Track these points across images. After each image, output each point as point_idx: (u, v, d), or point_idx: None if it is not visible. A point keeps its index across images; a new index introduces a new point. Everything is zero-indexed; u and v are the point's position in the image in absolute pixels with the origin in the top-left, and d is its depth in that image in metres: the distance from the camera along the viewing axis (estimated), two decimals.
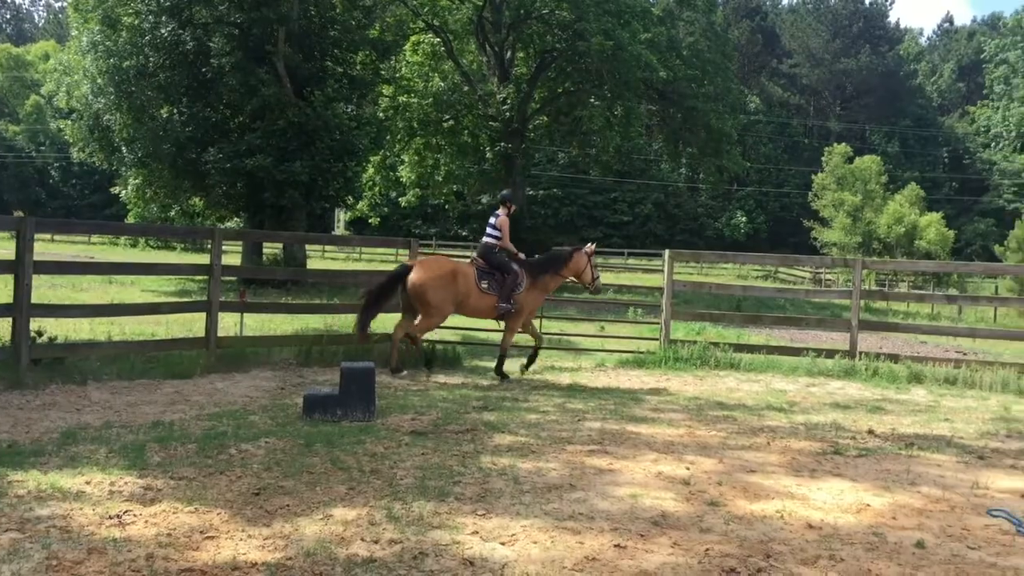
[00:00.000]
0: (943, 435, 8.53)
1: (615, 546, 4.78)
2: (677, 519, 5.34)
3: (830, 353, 13.46)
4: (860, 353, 13.21)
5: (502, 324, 11.73)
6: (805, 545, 4.96)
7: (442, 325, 11.71)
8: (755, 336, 18.60)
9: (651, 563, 4.55)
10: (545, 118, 40.58)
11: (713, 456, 7.09)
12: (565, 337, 15.67)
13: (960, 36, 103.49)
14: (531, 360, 11.85)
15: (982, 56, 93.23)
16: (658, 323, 14.13)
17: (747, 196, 79.24)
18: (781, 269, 54.62)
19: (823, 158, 63.51)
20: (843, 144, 64.69)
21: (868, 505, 5.85)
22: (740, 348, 13.79)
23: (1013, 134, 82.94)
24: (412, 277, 10.82)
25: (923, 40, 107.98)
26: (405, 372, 11.11)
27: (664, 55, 36.02)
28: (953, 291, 41.45)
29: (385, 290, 10.89)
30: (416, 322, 11.04)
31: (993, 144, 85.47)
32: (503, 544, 4.75)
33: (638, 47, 33.23)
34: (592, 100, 37.19)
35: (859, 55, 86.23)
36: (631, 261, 57.44)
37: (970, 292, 42.30)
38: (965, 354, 16.67)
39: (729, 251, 58.94)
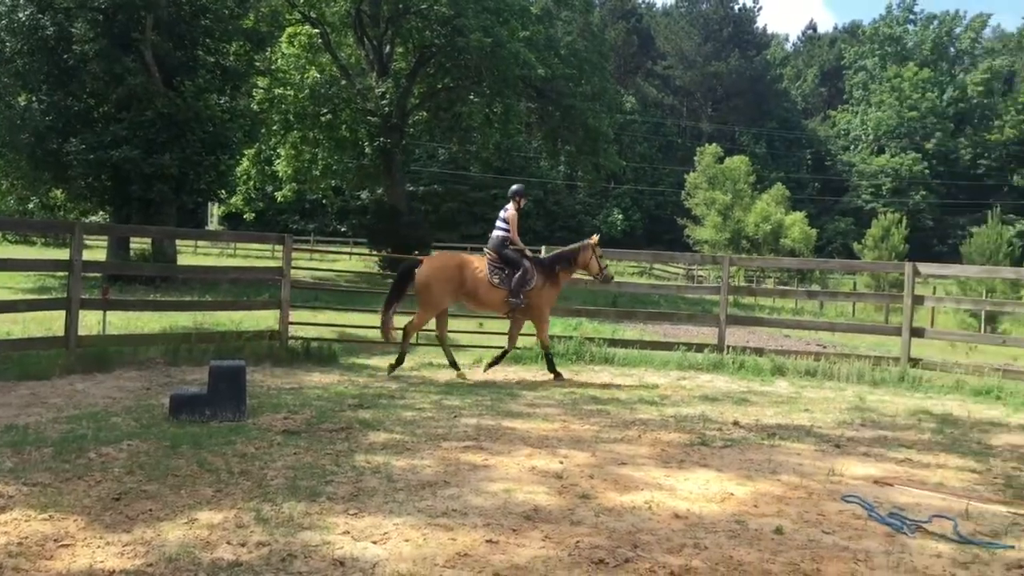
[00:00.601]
0: (803, 425, 8.92)
1: (487, 541, 4.81)
2: (549, 513, 5.41)
3: (700, 347, 13.90)
4: (728, 347, 13.68)
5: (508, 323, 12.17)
6: (671, 534, 5.10)
7: (332, 323, 11.54)
8: (629, 331, 19.00)
9: (522, 557, 4.60)
10: (425, 114, 40.44)
11: (586, 450, 7.22)
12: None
13: (823, 43, 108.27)
14: (498, 359, 11.89)
15: (843, 62, 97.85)
16: None
17: (624, 194, 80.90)
18: (656, 265, 56.04)
19: (695, 158, 65.47)
20: (714, 144, 66.81)
21: (732, 494, 6.06)
22: (615, 343, 14.08)
23: (871, 137, 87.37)
24: (419, 272, 11.25)
25: (788, 46, 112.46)
26: (461, 366, 11.60)
27: (542, 54, 36.38)
28: (816, 287, 43.33)
29: (398, 287, 11.46)
30: (415, 316, 11.55)
31: (852, 147, 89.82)
32: (375, 543, 4.71)
33: (517, 45, 33.47)
34: (471, 97, 37.29)
35: (729, 59, 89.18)
36: None
37: (831, 288, 44.37)
38: (825, 347, 17.46)
39: (606, 248, 60.18)
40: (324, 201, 53.81)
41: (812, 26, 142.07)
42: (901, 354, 13.01)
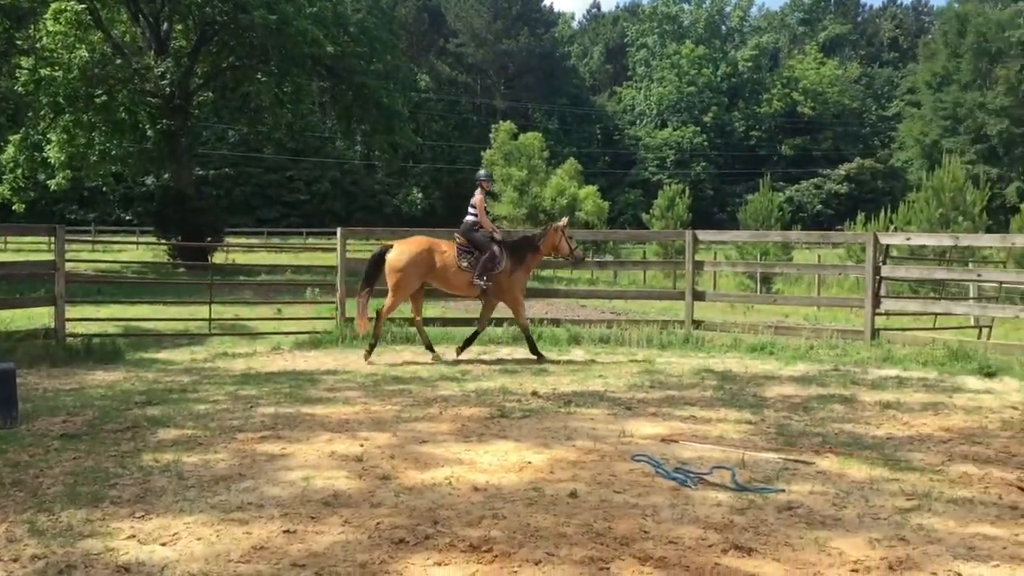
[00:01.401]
0: (597, 391, 9.28)
1: (285, 532, 4.71)
2: (349, 497, 5.36)
3: (500, 321, 14.15)
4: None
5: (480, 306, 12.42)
6: (471, 507, 5.18)
7: (116, 317, 10.86)
8: (431, 309, 19.04)
9: (321, 544, 4.54)
10: (210, 94, 38.64)
11: (387, 430, 7.20)
12: (240, 322, 15.15)
13: (606, 21, 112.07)
14: (469, 341, 11.99)
15: (626, 40, 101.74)
16: (335, 302, 14.05)
17: (423, 173, 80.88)
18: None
19: (491, 135, 66.23)
20: (508, 121, 67.77)
21: (530, 463, 6.22)
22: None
23: (654, 112, 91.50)
24: (390, 257, 11.51)
25: (575, 24, 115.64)
26: (435, 352, 11.67)
27: (331, 31, 35.58)
28: (609, 257, 45.02)
29: (370, 273, 11.65)
30: (387, 300, 11.65)
31: (638, 121, 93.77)
32: (163, 545, 4.51)
33: (304, 22, 32.55)
34: (259, 76, 35.94)
35: (519, 36, 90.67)
36: (311, 240, 56.70)
37: (623, 257, 46.22)
38: (618, 315, 18.19)
39: (406, 227, 60.00)
40: (104, 189, 50.58)
41: (596, 4, 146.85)
42: (685, 317, 13.76)
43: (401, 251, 11.58)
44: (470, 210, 12.02)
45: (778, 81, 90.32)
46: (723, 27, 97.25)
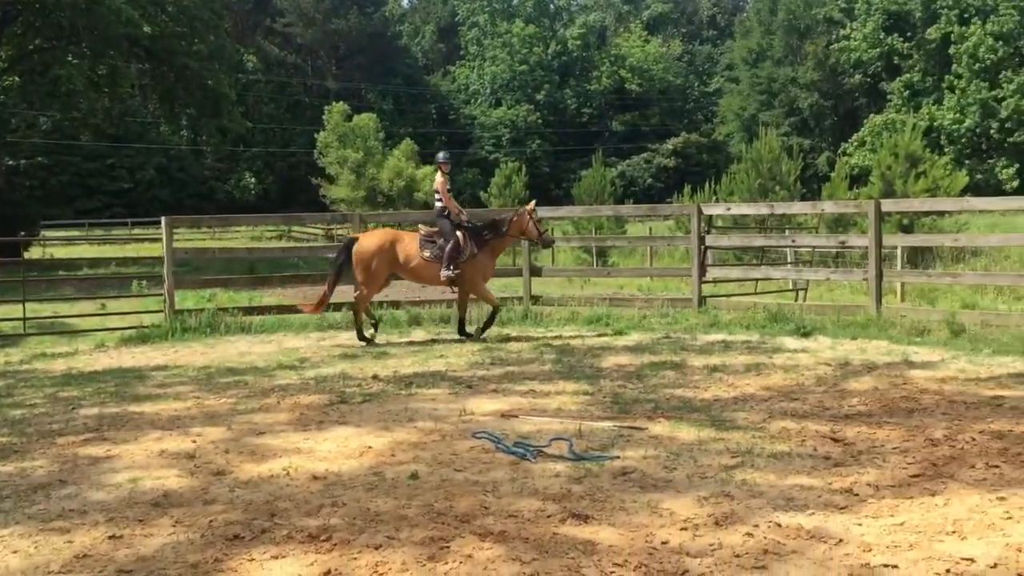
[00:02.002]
0: (439, 371, 9.30)
1: (110, 537, 4.49)
2: (180, 496, 5.17)
3: (339, 306, 13.93)
4: None
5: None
6: (309, 497, 5.09)
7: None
8: (267, 297, 18.57)
9: (150, 547, 4.35)
10: (16, 78, 36.18)
11: (221, 424, 6.97)
12: (60, 320, 14.31)
13: (437, 0, 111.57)
14: (489, 323, 11.83)
15: (457, 19, 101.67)
16: (163, 294, 13.48)
17: (255, 157, 78.50)
18: (295, 228, 55.19)
19: (324, 117, 64.93)
20: (342, 103, 66.65)
21: (370, 447, 6.17)
22: (251, 311, 13.71)
23: (488, 91, 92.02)
24: (356, 248, 11.54)
25: (405, 3, 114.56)
26: (367, 339, 11.55)
27: (148, 10, 33.91)
28: None
29: (339, 264, 11.75)
30: (356, 292, 11.67)
31: (473, 100, 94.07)
32: None
33: (117, 1, 30.87)
34: (70, 58, 33.93)
35: (348, 15, 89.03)
36: (137, 231, 54.10)
37: None
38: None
39: (240, 213, 58.07)
40: None
41: None
42: (523, 293, 13.96)
43: (366, 243, 11.60)
44: (436, 195, 11.92)
45: (606, 59, 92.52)
46: (551, 5, 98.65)
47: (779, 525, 4.52)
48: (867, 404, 7.26)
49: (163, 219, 13.42)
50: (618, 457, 5.83)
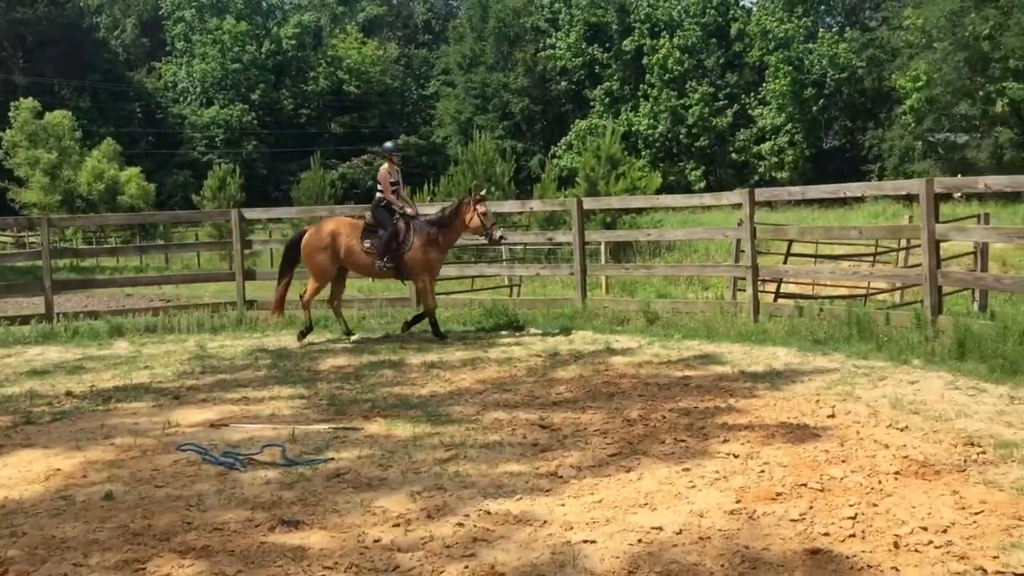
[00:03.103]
0: (143, 383, 8.70)
1: None
2: None
3: (27, 319, 12.72)
4: (58, 315, 12.75)
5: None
6: None
7: None
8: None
9: None
10: None
11: None
12: None
13: None
14: (414, 321, 11.39)
15: (161, 13, 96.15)
16: None
17: None
18: None
19: (11, 114, 59.02)
20: (31, 99, 60.87)
21: (59, 469, 5.65)
22: None
23: (199, 89, 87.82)
24: (303, 243, 11.09)
25: None
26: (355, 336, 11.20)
27: None
28: (160, 241, 42.60)
29: (287, 260, 11.39)
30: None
31: (182, 99, 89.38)
32: None
33: None
34: None
35: (36, 4, 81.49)
36: None
37: (177, 240, 44.00)
38: (170, 300, 17.25)
39: None
40: None
41: None
42: (237, 298, 13.42)
43: (310, 236, 11.14)
44: (378, 186, 11.33)
45: (323, 60, 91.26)
46: (264, 3, 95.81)
47: (488, 512, 4.63)
48: (573, 391, 7.65)
49: None
50: (332, 459, 5.74)
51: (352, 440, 6.21)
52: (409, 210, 11.20)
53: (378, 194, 11.27)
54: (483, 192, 11.50)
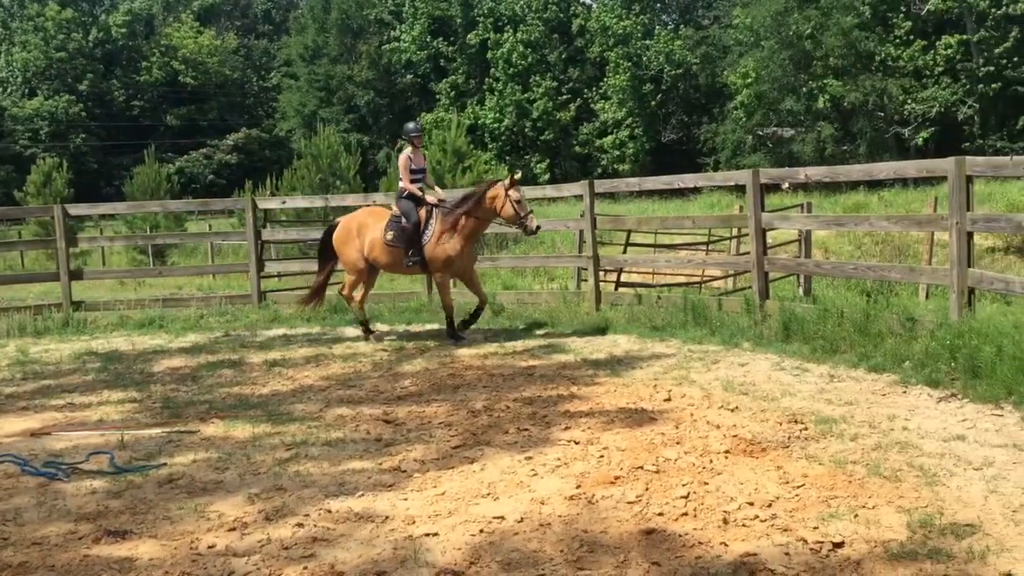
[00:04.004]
0: None
1: None
2: None
3: None
4: None
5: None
6: None
7: None
8: None
9: None
10: None
11: None
12: None
13: None
14: (474, 317, 10.07)
15: None
16: None
17: None
18: None
19: None
20: None
21: None
22: None
23: (20, 79, 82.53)
24: (333, 236, 10.29)
25: None
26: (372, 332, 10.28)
27: None
28: None
29: (321, 253, 10.62)
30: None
31: (2, 90, 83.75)
32: None
33: None
34: None
35: None
36: None
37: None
38: None
39: None
40: None
41: None
42: (63, 299, 12.68)
43: (338, 229, 10.29)
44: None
45: (156, 49, 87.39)
46: None
47: (330, 511, 4.55)
48: (418, 384, 7.61)
49: None
50: (165, 464, 5.51)
51: (187, 444, 5.98)
52: (430, 199, 10.00)
53: (400, 183, 10.23)
54: (517, 175, 9.94)
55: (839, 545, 3.86)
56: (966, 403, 6.03)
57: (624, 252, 14.72)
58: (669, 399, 6.54)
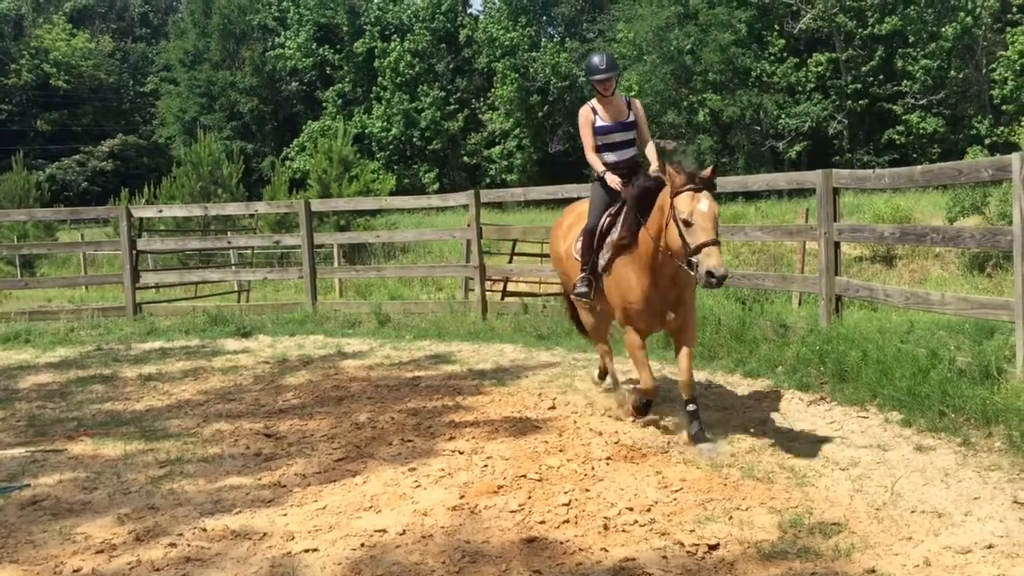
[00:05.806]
0: None
1: None
2: None
3: None
4: None
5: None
6: None
7: None
8: None
9: None
10: None
11: None
12: None
13: None
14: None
15: None
16: None
17: None
18: None
19: None
20: None
21: None
22: None
23: None
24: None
25: None
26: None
27: None
28: None
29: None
30: None
31: None
32: None
33: None
34: None
35: None
36: None
37: None
38: None
39: None
40: None
41: None
42: None
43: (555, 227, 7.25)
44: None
45: (26, 51, 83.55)
46: None
47: (204, 530, 4.41)
48: (301, 397, 7.47)
49: None
50: (29, 485, 5.24)
51: (53, 463, 5.70)
52: (614, 183, 6.02)
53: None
54: (710, 170, 5.56)
55: (714, 547, 3.96)
56: (834, 406, 6.28)
57: (510, 262, 14.81)
58: (553, 407, 6.60)
